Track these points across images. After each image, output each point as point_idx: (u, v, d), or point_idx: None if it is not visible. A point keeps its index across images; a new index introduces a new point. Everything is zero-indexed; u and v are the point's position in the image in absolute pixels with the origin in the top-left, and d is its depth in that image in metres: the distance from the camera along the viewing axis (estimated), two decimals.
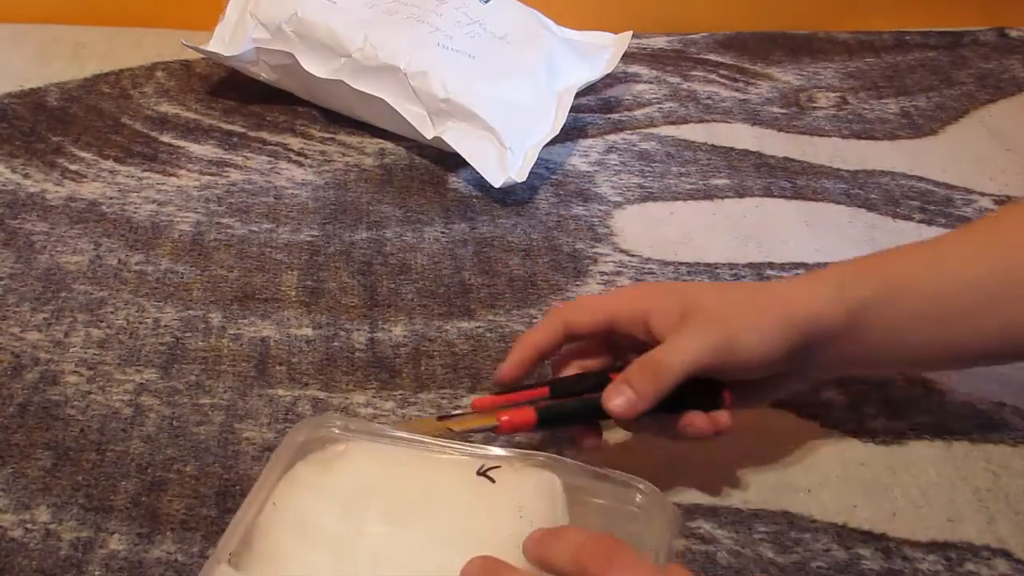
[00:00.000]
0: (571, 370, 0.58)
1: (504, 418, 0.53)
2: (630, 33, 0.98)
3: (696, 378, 0.53)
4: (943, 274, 0.56)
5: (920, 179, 0.88)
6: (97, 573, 0.53)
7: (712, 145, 0.92)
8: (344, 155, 0.89)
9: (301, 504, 0.49)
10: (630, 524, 0.50)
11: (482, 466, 0.50)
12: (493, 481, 0.49)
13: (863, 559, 0.56)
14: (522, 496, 0.49)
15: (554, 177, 0.87)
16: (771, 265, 0.77)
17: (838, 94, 1.01)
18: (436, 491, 0.49)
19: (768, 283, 0.57)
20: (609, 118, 0.95)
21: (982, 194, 0.87)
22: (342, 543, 0.47)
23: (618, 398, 0.52)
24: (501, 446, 0.52)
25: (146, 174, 0.85)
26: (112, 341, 0.68)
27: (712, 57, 1.06)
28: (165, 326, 0.70)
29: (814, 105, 0.99)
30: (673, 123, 0.95)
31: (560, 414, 0.55)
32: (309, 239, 0.78)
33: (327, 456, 0.51)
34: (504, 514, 0.48)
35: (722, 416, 0.54)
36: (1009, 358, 0.59)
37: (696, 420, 0.54)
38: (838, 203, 0.85)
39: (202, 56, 0.96)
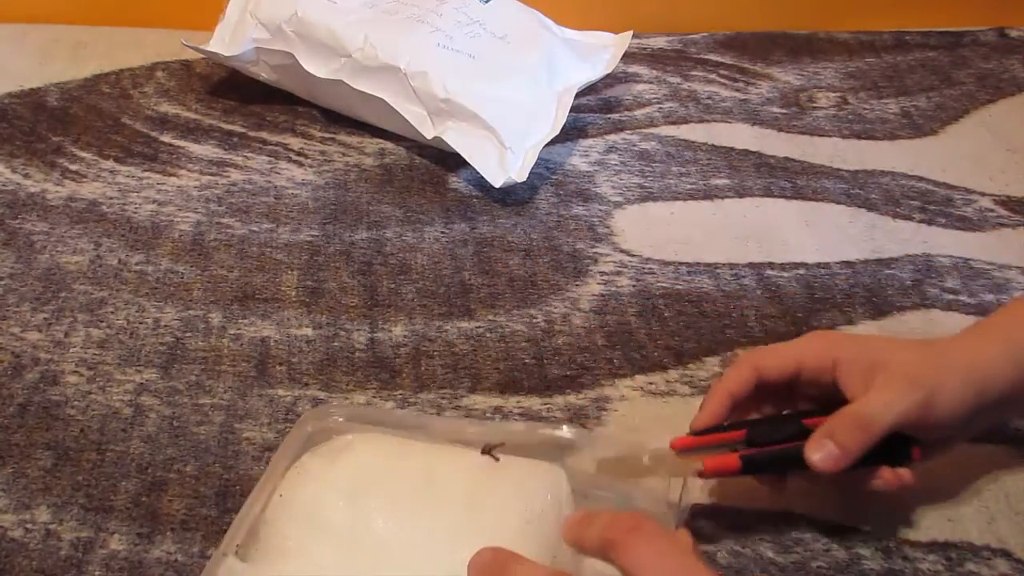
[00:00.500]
0: (751, 412, 0.59)
1: (708, 463, 0.54)
2: (630, 33, 0.98)
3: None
4: None
5: (920, 179, 0.88)
6: (97, 573, 0.53)
7: (712, 145, 0.92)
8: (344, 155, 0.89)
9: (307, 496, 0.49)
10: None
11: (486, 445, 0.50)
12: (497, 459, 0.49)
13: (863, 559, 0.56)
14: (528, 492, 0.49)
15: (554, 177, 0.87)
16: (771, 265, 0.77)
17: (838, 94, 1.01)
18: (443, 484, 0.49)
19: (941, 341, 0.58)
20: (609, 118, 0.95)
21: (982, 194, 0.87)
22: (348, 536, 0.47)
23: (820, 452, 0.53)
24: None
25: (146, 174, 0.85)
26: (112, 341, 0.68)
27: (712, 57, 1.06)
28: (165, 326, 0.70)
29: (814, 105, 0.99)
30: (673, 123, 0.95)
31: (762, 463, 0.55)
32: (309, 239, 0.78)
33: (334, 448, 0.51)
34: (510, 510, 0.48)
35: (906, 472, 0.55)
36: None
37: (885, 474, 0.55)
38: (838, 203, 0.85)
39: (202, 56, 0.96)
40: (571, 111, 0.88)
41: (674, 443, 0.56)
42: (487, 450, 0.50)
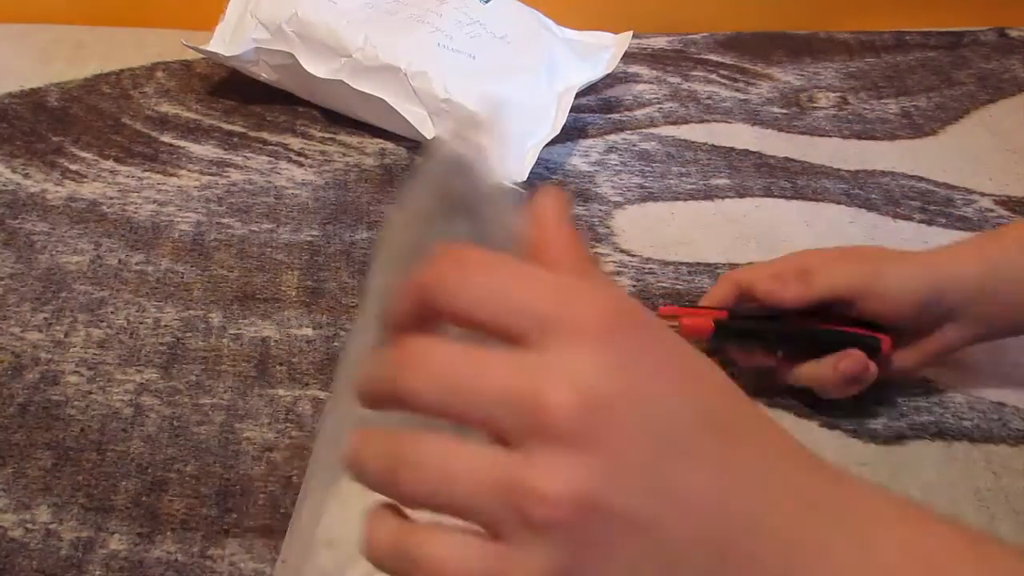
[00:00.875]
0: None
1: (685, 322, 0.61)
2: (630, 33, 0.98)
3: (857, 329, 0.61)
4: None
5: (920, 179, 0.88)
6: (98, 573, 0.53)
7: (712, 145, 0.92)
8: (344, 155, 0.89)
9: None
10: None
11: None
12: None
13: None
14: None
15: (554, 177, 0.87)
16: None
17: (838, 94, 1.01)
18: None
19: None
20: (609, 118, 0.95)
21: (982, 194, 0.87)
22: None
23: (766, 285, 0.60)
24: None
25: (146, 174, 0.85)
26: (112, 341, 0.68)
27: (712, 57, 1.06)
28: (165, 326, 0.70)
29: (814, 105, 0.99)
30: (673, 123, 0.95)
31: (733, 329, 0.62)
32: (309, 239, 0.78)
33: None
34: None
35: (871, 364, 0.60)
36: None
37: (852, 354, 0.60)
38: (838, 203, 0.85)
39: (202, 56, 0.96)
40: (571, 111, 0.88)
41: (660, 310, 0.63)
42: None
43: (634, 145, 0.91)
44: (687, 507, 0.29)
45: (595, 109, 0.96)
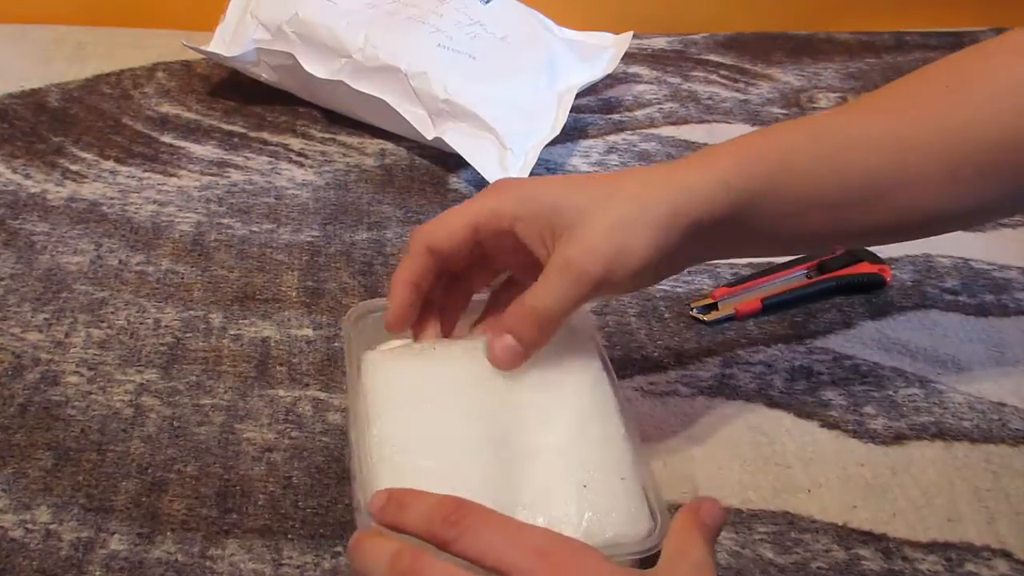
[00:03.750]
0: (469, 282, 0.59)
1: (739, 307, 0.71)
2: (630, 33, 0.98)
3: (861, 267, 0.74)
4: (838, 163, 0.53)
5: None
6: (98, 573, 0.53)
7: None
8: (345, 155, 0.89)
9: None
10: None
11: None
12: None
13: (863, 559, 0.56)
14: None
15: None
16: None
17: (839, 94, 1.01)
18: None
19: (644, 177, 0.52)
20: (610, 118, 0.95)
21: None
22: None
23: (502, 346, 0.51)
24: None
25: (147, 174, 0.85)
26: (113, 341, 0.68)
27: (713, 57, 1.06)
28: (166, 326, 0.70)
29: (815, 106, 0.99)
30: (674, 123, 0.95)
31: (774, 302, 0.72)
32: (310, 239, 0.78)
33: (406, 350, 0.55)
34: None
35: None
36: (897, 238, 0.62)
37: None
38: None
39: (203, 57, 0.96)
40: (571, 111, 0.88)
41: (714, 292, 0.72)
42: None
43: (634, 145, 0.91)
44: None
45: (595, 109, 0.96)
